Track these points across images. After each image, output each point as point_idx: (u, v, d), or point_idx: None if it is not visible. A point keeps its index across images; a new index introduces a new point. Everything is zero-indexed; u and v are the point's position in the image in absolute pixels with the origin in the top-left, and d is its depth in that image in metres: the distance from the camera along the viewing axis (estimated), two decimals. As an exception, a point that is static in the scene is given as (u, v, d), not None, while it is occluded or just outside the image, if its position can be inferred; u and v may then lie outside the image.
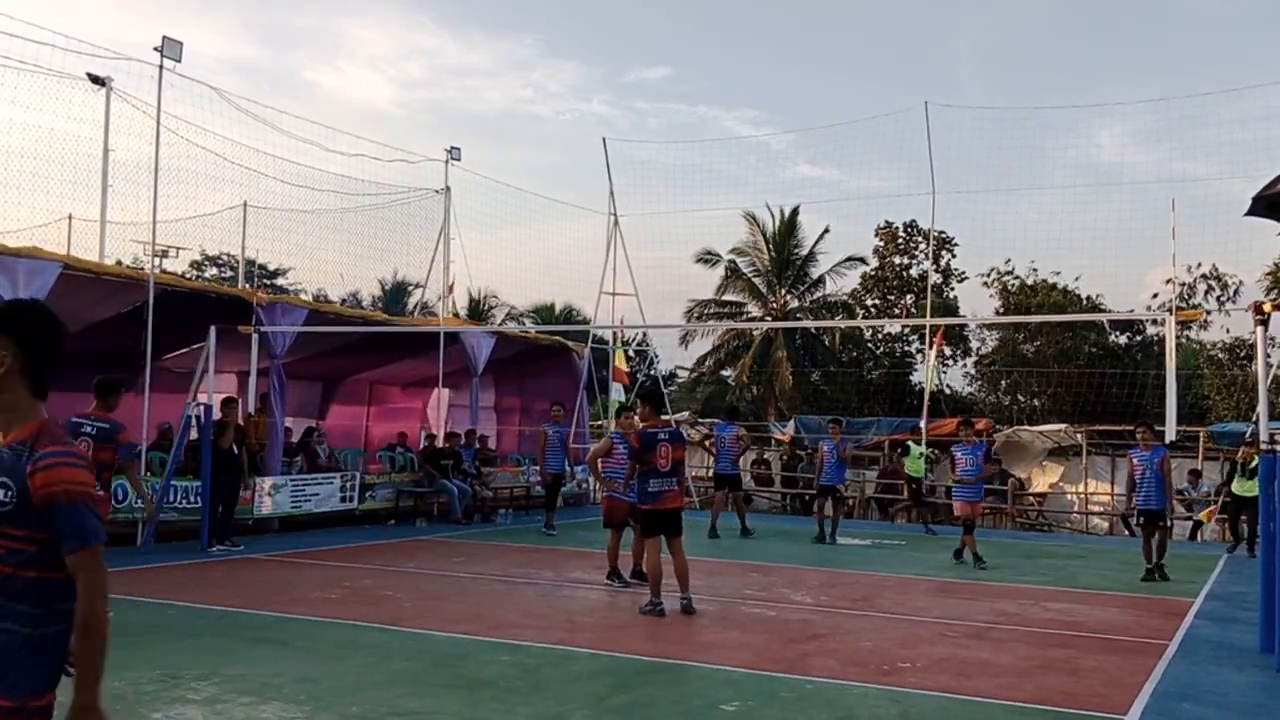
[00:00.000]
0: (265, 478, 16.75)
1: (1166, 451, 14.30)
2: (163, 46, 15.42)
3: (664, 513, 10.67)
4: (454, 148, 22.49)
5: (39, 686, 2.82)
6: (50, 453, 2.83)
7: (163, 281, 15.90)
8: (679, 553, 10.71)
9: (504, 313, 42.15)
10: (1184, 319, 22.09)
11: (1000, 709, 7.12)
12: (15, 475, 2.81)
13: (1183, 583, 13.85)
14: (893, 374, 36.57)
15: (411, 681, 7.42)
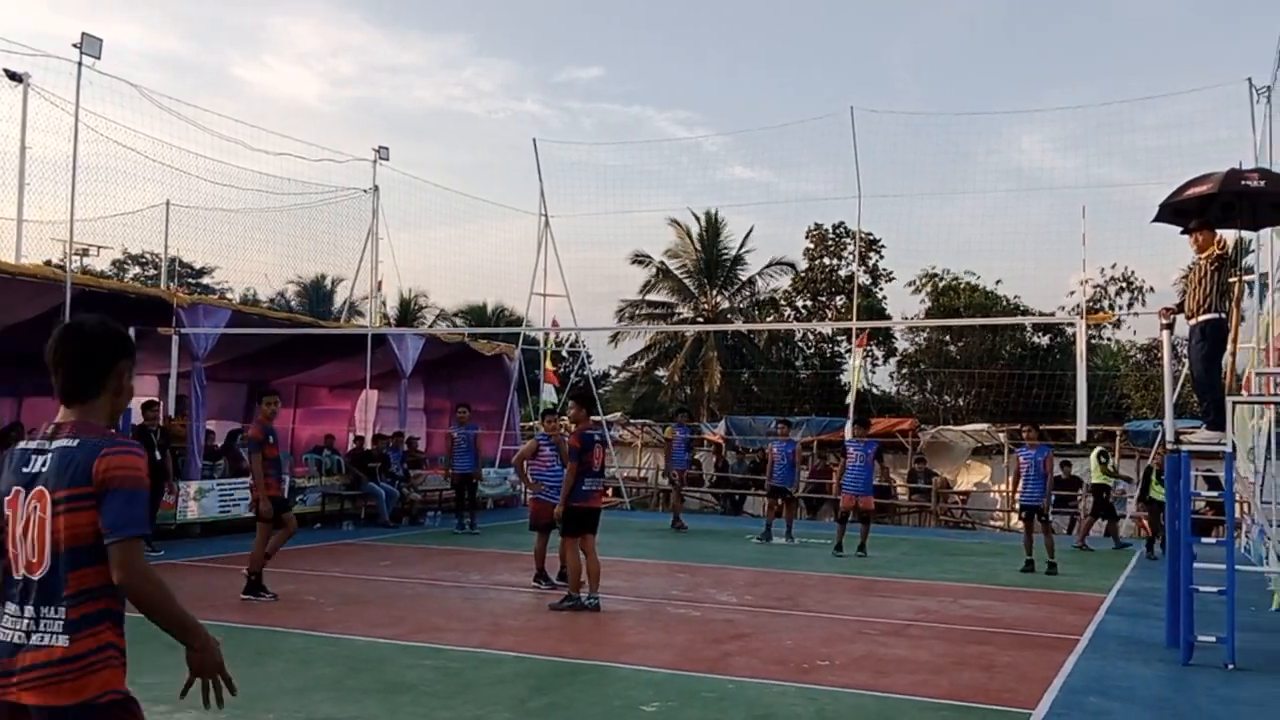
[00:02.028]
0: (190, 482, 16.49)
1: (1050, 450, 15.48)
2: (82, 43, 15.16)
3: (591, 511, 10.91)
4: (382, 147, 22.38)
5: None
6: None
7: (80, 282, 15.60)
8: (593, 552, 10.84)
9: (434, 313, 41.91)
10: (1094, 322, 22.66)
11: (914, 705, 7.26)
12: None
13: (1096, 579, 14.25)
14: (822, 374, 36.98)
15: (330, 687, 7.38)
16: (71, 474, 3.00)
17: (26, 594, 3.03)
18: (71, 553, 3.00)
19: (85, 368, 3.20)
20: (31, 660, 2.98)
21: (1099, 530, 21.74)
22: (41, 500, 3.02)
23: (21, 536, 3.06)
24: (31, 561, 3.03)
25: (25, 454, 3.12)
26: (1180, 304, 9.99)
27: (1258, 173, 10.94)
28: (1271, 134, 15.96)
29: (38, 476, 3.05)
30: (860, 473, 16.37)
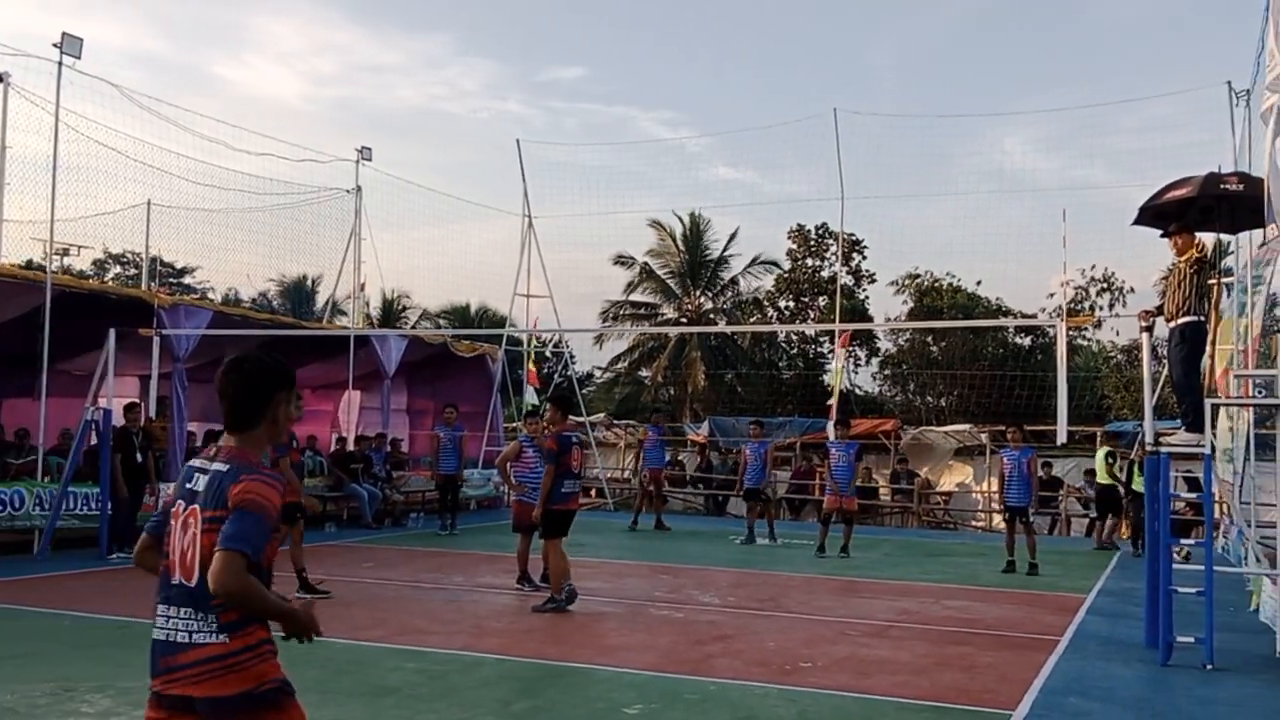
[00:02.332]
0: (170, 483, 16.40)
1: (1034, 452, 15.58)
2: (62, 43, 15.10)
3: (571, 513, 10.99)
4: (365, 148, 22.35)
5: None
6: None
7: (61, 283, 15.53)
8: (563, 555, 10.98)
9: (417, 314, 41.81)
10: (1074, 324, 22.80)
11: (895, 706, 7.30)
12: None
13: (1076, 579, 14.34)
14: (805, 374, 37.06)
15: (313, 690, 7.33)
16: (217, 498, 3.34)
17: (182, 598, 3.37)
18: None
19: (247, 401, 3.54)
20: (195, 657, 3.31)
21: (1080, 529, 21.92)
22: (195, 517, 3.37)
23: (179, 547, 3.41)
24: (187, 569, 3.37)
25: (191, 471, 3.49)
26: (1160, 306, 10.06)
27: (1236, 176, 11.05)
28: (1251, 137, 16.07)
29: (196, 494, 3.40)
30: (843, 474, 16.44)
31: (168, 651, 3.36)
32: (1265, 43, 11.17)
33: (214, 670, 3.31)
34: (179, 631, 3.36)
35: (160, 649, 3.38)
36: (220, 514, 3.31)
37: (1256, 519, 14.38)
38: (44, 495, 14.48)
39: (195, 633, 3.33)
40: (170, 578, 3.42)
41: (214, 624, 3.33)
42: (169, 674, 3.34)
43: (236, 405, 3.54)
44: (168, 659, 3.35)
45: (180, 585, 3.38)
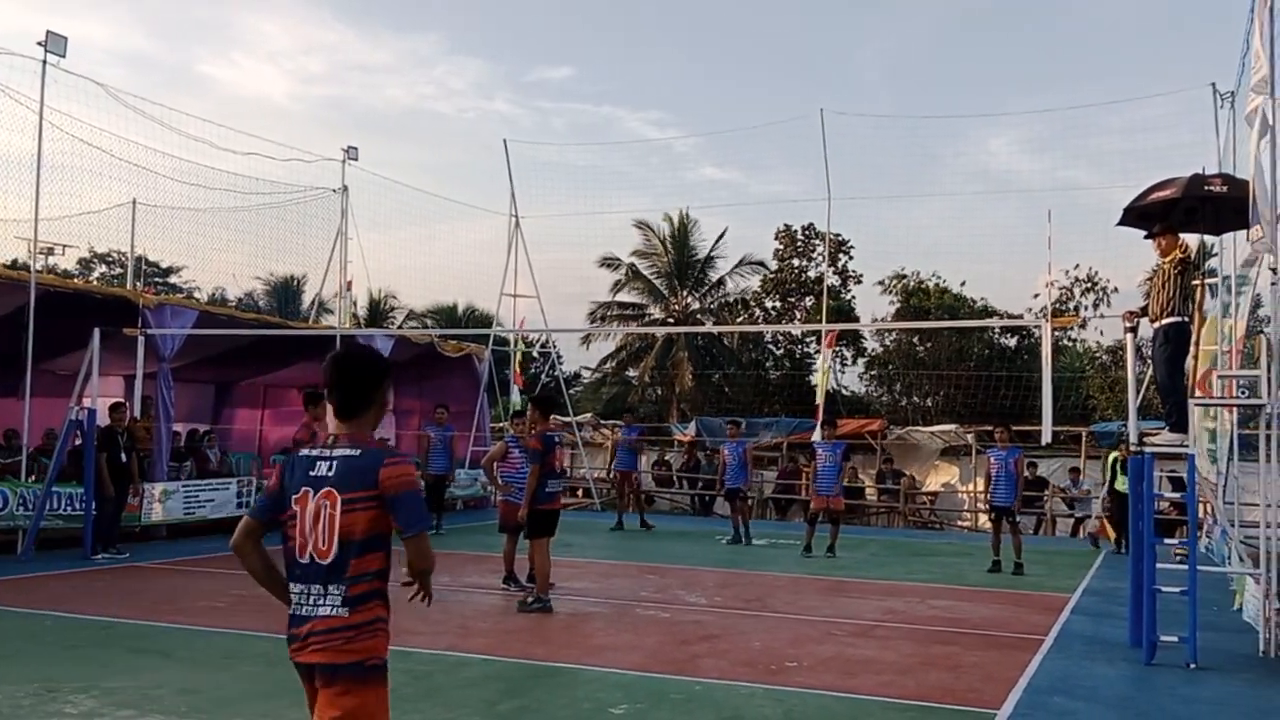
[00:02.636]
0: (155, 483, 16.35)
1: (1021, 452, 15.55)
2: (46, 41, 15.01)
3: (556, 513, 11.05)
4: (351, 147, 22.29)
5: None
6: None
7: (45, 283, 15.44)
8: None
9: (404, 314, 41.73)
10: (1059, 325, 22.87)
11: (881, 706, 7.32)
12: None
13: (1061, 579, 14.39)
14: (792, 375, 37.10)
15: (297, 691, 7.25)
16: (360, 479, 3.68)
17: (314, 574, 3.72)
18: (354, 543, 3.68)
19: (357, 390, 3.87)
20: (319, 627, 3.69)
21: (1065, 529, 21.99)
22: (331, 499, 3.70)
23: (311, 528, 3.72)
24: (320, 548, 3.70)
25: (310, 460, 3.80)
26: (1144, 307, 10.10)
27: (1220, 178, 11.10)
28: (1235, 139, 16.15)
29: (325, 479, 3.73)
30: (829, 474, 16.47)
31: (297, 624, 3.77)
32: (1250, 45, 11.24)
33: (333, 640, 3.68)
34: (305, 605, 3.74)
35: (294, 622, 3.78)
36: (366, 495, 3.68)
37: (1240, 519, 14.47)
38: (27, 495, 14.40)
39: (320, 606, 3.70)
40: (299, 557, 3.75)
41: (339, 598, 3.68)
42: (299, 642, 3.75)
43: (348, 395, 3.87)
44: (296, 629, 3.77)
45: (311, 562, 3.72)
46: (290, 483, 3.82)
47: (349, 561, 3.69)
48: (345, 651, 3.68)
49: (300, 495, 3.77)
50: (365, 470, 3.69)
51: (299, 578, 3.77)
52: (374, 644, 3.73)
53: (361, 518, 3.68)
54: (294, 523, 3.78)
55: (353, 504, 3.67)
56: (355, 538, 3.69)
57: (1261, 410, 9.71)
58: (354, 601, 3.69)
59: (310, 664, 3.72)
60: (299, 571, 3.77)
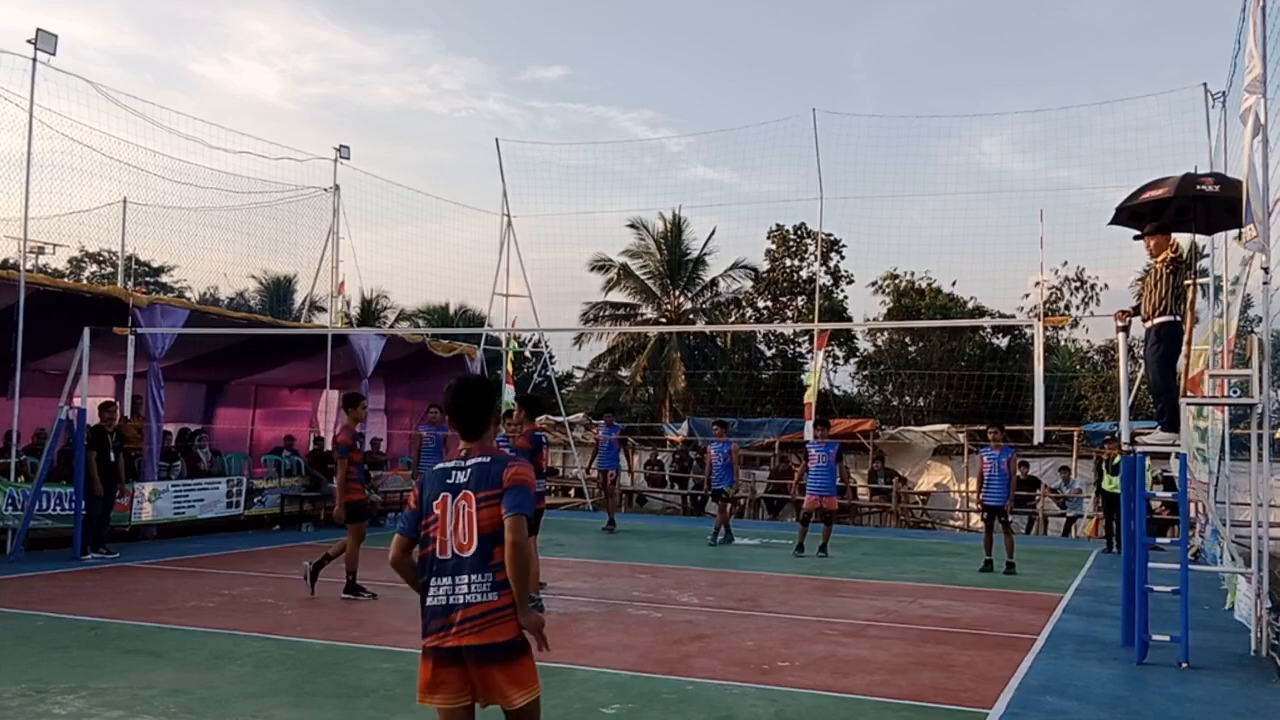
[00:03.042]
0: (145, 483, 16.29)
1: (1014, 452, 15.59)
2: (36, 39, 14.95)
3: (540, 512, 11.10)
4: (343, 146, 22.23)
5: None
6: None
7: (35, 282, 15.38)
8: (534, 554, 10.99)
9: (395, 313, 41.65)
10: (1051, 324, 22.91)
11: (873, 705, 7.30)
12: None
13: (1054, 578, 14.41)
14: (784, 375, 37.12)
15: (288, 691, 7.32)
16: (489, 481, 4.26)
17: (459, 567, 4.21)
18: (491, 535, 4.20)
19: (477, 415, 4.48)
20: (474, 612, 4.14)
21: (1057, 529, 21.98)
22: (468, 499, 4.25)
23: (452, 527, 4.24)
24: (462, 543, 4.22)
25: (446, 470, 4.38)
26: (1136, 307, 10.10)
27: (1212, 177, 11.11)
28: (1226, 138, 16.19)
29: (462, 485, 4.29)
30: (822, 473, 16.48)
31: (445, 613, 4.17)
32: (1243, 44, 11.25)
33: (490, 621, 4.15)
34: (455, 594, 4.19)
35: (437, 612, 4.19)
36: (494, 492, 4.23)
37: (1231, 518, 14.51)
38: (16, 495, 14.34)
39: (471, 593, 4.17)
40: (440, 555, 4.25)
41: (488, 584, 4.18)
42: (446, 630, 4.15)
43: (471, 419, 4.48)
44: (446, 618, 4.17)
45: (453, 556, 4.23)
46: (428, 494, 4.36)
47: (491, 550, 4.21)
48: (500, 630, 4.16)
49: (439, 500, 4.30)
50: (495, 472, 4.28)
51: (441, 573, 4.24)
52: (518, 623, 4.24)
53: (496, 512, 4.22)
54: (434, 526, 4.29)
55: (486, 500, 4.24)
56: (491, 530, 4.21)
57: (1253, 410, 9.71)
58: (500, 586, 4.19)
59: (458, 648, 4.13)
60: (440, 568, 4.25)
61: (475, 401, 4.50)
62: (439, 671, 4.18)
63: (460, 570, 4.21)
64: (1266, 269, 9.37)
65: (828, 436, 17.51)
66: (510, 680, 4.18)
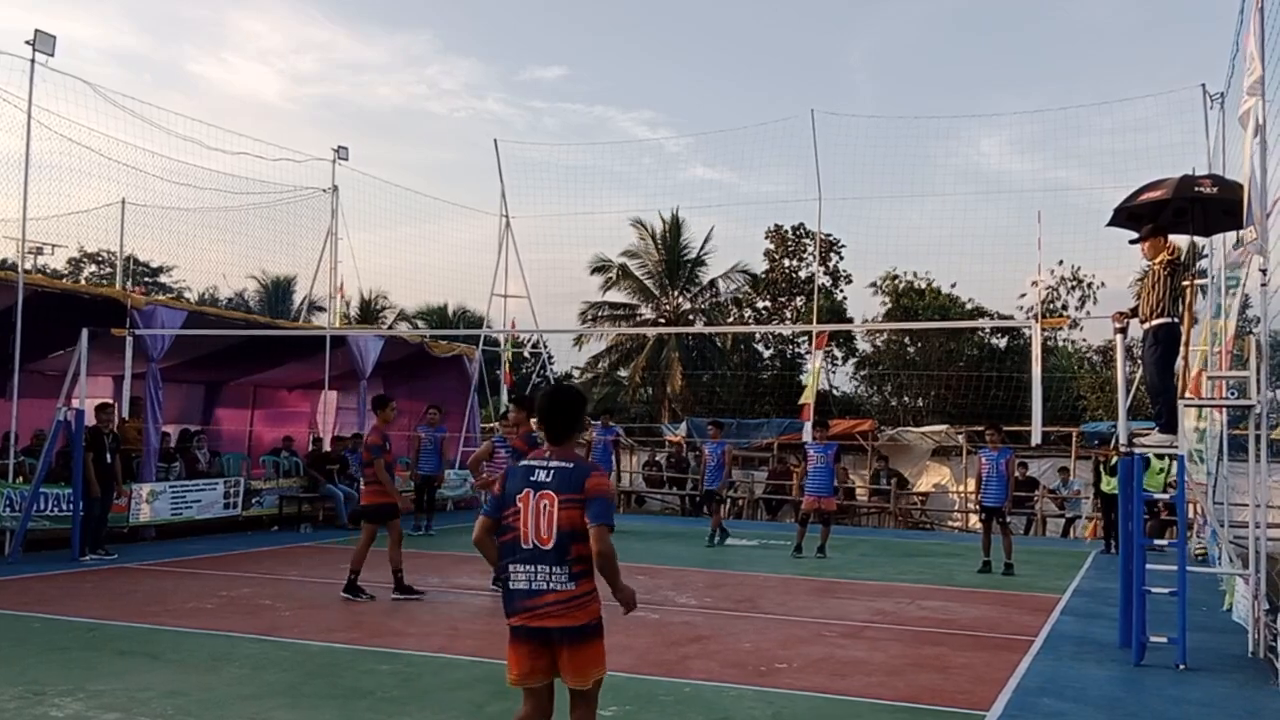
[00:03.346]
0: (143, 484, 16.29)
1: (1012, 453, 15.57)
2: (35, 40, 14.95)
3: None
4: (341, 147, 22.23)
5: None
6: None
7: (33, 283, 15.37)
8: None
9: (394, 314, 41.66)
10: (1049, 326, 22.92)
11: (870, 707, 7.30)
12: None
13: (1052, 579, 14.40)
14: (783, 375, 37.12)
15: (286, 693, 7.32)
16: (571, 485, 4.76)
17: (540, 558, 4.75)
18: (569, 533, 4.72)
19: (566, 423, 5.00)
20: (552, 599, 4.73)
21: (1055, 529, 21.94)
22: (550, 499, 4.76)
23: (533, 521, 4.76)
24: (542, 537, 4.75)
25: (530, 468, 4.89)
26: (1134, 308, 10.10)
27: (1210, 179, 11.10)
28: (1224, 139, 16.19)
29: (544, 484, 4.79)
30: (821, 474, 16.49)
31: (529, 596, 4.76)
32: (1241, 46, 11.24)
33: (569, 607, 4.74)
34: (536, 581, 4.76)
35: (521, 595, 4.77)
36: (575, 496, 4.73)
37: (1230, 519, 14.51)
38: (14, 496, 14.33)
39: (551, 581, 4.74)
40: (522, 544, 4.78)
41: (566, 574, 4.73)
42: (530, 611, 4.76)
43: (561, 426, 4.99)
44: (529, 601, 4.76)
45: (535, 548, 4.76)
46: (512, 486, 4.87)
47: (569, 547, 4.73)
48: (578, 615, 4.75)
49: (523, 495, 4.81)
50: (576, 479, 4.78)
51: (523, 560, 4.79)
52: (594, 608, 4.81)
53: (575, 514, 4.73)
54: (516, 517, 4.82)
55: (567, 503, 4.74)
56: (569, 529, 4.73)
57: (1250, 411, 9.71)
58: (577, 577, 4.75)
59: (548, 628, 4.74)
60: (522, 555, 4.79)
61: (566, 410, 5.03)
62: (529, 649, 4.79)
63: (540, 560, 4.77)
64: (1264, 270, 9.38)
65: (826, 438, 17.52)
66: (588, 660, 4.81)
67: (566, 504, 4.75)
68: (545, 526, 4.76)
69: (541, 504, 4.78)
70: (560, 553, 4.74)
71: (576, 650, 4.78)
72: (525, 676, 4.84)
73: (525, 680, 4.86)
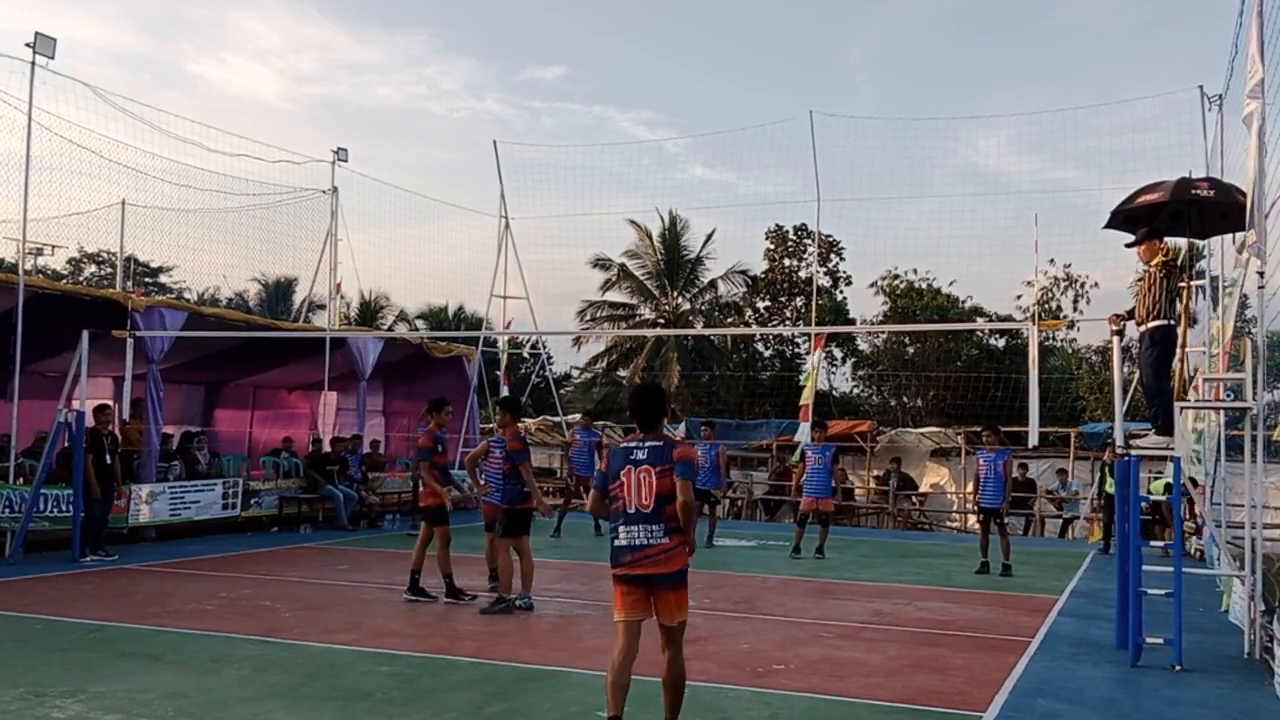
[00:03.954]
0: (142, 485, 16.32)
1: (1010, 454, 15.57)
2: (35, 43, 14.99)
3: (529, 512, 11.21)
4: (341, 148, 22.29)
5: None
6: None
7: (33, 284, 15.40)
8: (528, 553, 11.20)
9: (394, 315, 41.68)
10: (1046, 328, 22.94)
11: (867, 709, 7.34)
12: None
13: (1049, 580, 14.44)
14: (782, 376, 37.14)
15: (286, 694, 7.35)
16: (663, 458, 6.13)
17: (641, 519, 6.12)
18: (664, 497, 6.09)
19: (653, 413, 6.35)
20: (653, 551, 6.07)
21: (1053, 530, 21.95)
22: (648, 472, 6.13)
23: (635, 491, 6.14)
24: (643, 502, 6.12)
25: (629, 450, 6.24)
26: (1130, 310, 10.14)
27: (1207, 181, 11.13)
28: (1222, 141, 16.23)
29: (641, 460, 6.17)
30: (818, 475, 16.53)
31: (633, 550, 6.11)
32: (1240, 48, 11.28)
33: (665, 557, 6.08)
34: (639, 537, 6.10)
35: (626, 549, 6.13)
36: (666, 466, 6.09)
37: (1227, 519, 14.53)
38: (14, 498, 14.36)
39: (651, 536, 6.09)
40: (628, 509, 6.15)
41: (662, 531, 6.07)
42: (634, 562, 6.09)
43: (649, 416, 6.31)
44: (634, 554, 6.10)
45: (637, 512, 6.12)
46: (615, 465, 6.25)
47: (663, 509, 6.07)
48: (671, 564, 6.08)
49: (625, 470, 6.20)
50: (666, 451, 6.15)
51: (628, 522, 6.14)
52: (683, 559, 6.14)
53: (667, 481, 6.08)
54: (621, 489, 6.19)
55: (661, 472, 6.10)
56: (664, 494, 6.07)
57: (1247, 413, 9.74)
58: (670, 532, 6.08)
59: (649, 574, 6.07)
60: (627, 518, 6.15)
61: (652, 403, 6.38)
62: (631, 592, 6.11)
63: (642, 521, 6.09)
64: (1261, 273, 9.41)
65: (825, 438, 17.55)
66: (678, 603, 6.14)
67: (661, 473, 6.08)
68: (645, 494, 6.11)
69: (641, 476, 6.13)
70: (657, 514, 6.06)
71: (669, 594, 6.09)
72: (627, 611, 6.13)
73: (627, 614, 6.14)
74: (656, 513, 6.04)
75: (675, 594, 6.09)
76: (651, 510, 6.05)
